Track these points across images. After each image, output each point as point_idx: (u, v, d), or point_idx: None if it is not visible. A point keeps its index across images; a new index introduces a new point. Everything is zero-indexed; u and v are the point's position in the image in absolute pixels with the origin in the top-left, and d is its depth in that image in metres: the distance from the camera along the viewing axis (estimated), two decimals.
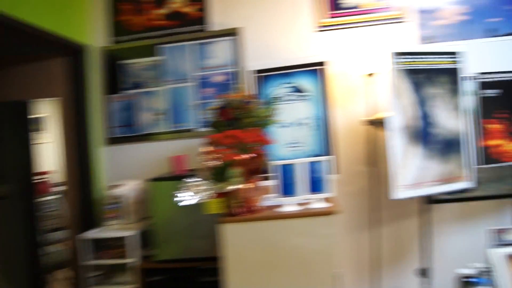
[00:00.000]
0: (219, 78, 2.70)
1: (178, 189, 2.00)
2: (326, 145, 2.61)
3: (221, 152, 1.93)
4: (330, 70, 2.62)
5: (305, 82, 2.64)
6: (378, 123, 2.37)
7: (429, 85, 2.23)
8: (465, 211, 2.63)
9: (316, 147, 2.62)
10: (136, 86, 2.79)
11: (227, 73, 2.69)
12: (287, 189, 2.06)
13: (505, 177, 2.58)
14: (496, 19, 2.53)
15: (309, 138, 2.62)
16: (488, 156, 2.31)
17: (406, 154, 2.16)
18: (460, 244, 2.58)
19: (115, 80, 2.81)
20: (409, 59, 2.18)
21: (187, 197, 1.98)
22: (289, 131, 2.62)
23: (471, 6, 2.54)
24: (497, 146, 2.31)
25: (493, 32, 2.53)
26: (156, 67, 2.75)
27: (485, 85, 2.31)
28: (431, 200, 2.65)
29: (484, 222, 2.59)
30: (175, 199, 1.99)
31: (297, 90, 2.65)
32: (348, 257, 2.65)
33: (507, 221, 2.56)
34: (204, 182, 1.97)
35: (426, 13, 2.58)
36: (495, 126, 2.32)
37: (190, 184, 2.00)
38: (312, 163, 2.06)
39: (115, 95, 2.81)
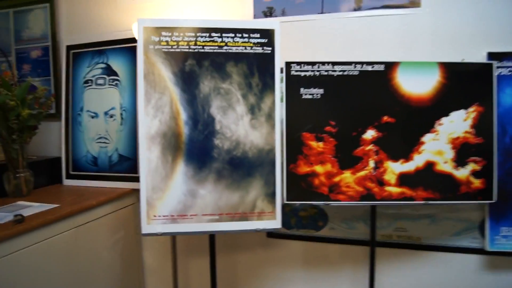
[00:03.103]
0: (35, 54, 2.28)
1: None
2: (133, 145, 2.05)
3: None
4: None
5: (117, 63, 2.09)
6: None
7: (213, 78, 1.54)
8: (318, 253, 1.90)
9: (121, 145, 2.08)
10: None
11: (43, 48, 2.26)
12: None
13: (359, 218, 1.76)
14: None
15: (115, 133, 2.09)
16: (308, 188, 1.54)
17: (169, 172, 1.54)
18: None
19: None
20: (169, 37, 1.51)
21: None
22: (98, 122, 2.12)
23: None
24: (321, 174, 1.52)
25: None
26: None
27: (303, 82, 1.50)
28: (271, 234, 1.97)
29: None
30: None
31: (109, 72, 2.10)
32: None
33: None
34: None
35: None
36: (318, 145, 1.52)
37: None
38: None
39: None
